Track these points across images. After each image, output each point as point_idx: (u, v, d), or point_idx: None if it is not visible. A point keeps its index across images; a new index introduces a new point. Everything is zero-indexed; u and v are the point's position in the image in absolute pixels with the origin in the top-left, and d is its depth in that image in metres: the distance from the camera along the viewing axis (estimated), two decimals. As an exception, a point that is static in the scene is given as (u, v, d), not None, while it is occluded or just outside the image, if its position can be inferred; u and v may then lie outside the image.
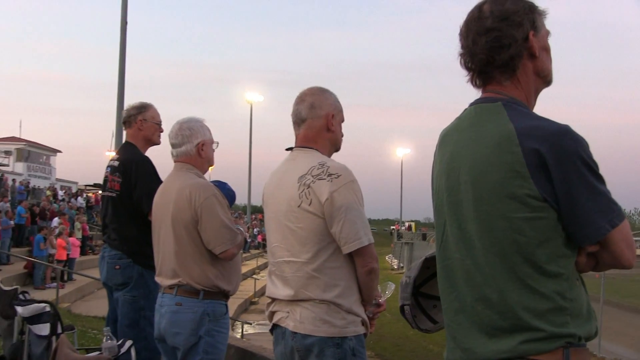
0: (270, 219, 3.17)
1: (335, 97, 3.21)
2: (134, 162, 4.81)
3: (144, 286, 4.63)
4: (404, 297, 2.54)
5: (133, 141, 5.00)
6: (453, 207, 2.03)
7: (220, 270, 3.83)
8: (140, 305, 4.61)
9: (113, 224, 4.84)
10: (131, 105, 5.07)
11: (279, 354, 3.09)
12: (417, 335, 20.98)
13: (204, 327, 3.77)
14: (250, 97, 49.65)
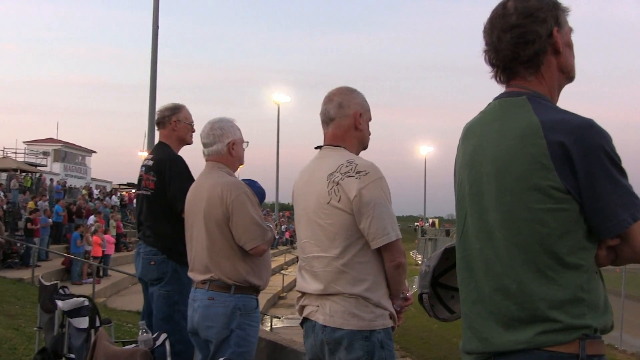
0: (300, 216, 3.17)
1: (362, 97, 3.20)
2: (167, 162, 4.83)
3: (177, 281, 4.65)
4: (422, 286, 2.53)
5: (167, 141, 5.02)
6: (475, 199, 2.02)
7: (251, 265, 3.84)
8: (174, 300, 4.63)
9: (148, 221, 4.87)
10: (165, 107, 5.08)
11: (309, 347, 3.09)
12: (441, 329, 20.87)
13: (235, 321, 3.78)
14: (278, 97, 49.68)
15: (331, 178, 2.96)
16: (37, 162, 53.20)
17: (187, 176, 4.78)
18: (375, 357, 2.90)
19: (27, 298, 14.62)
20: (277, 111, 48.69)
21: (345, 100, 3.14)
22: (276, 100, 49.40)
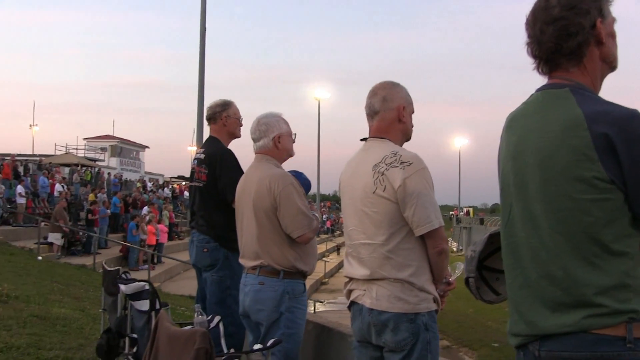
0: (347, 205, 3.17)
1: (405, 91, 3.18)
2: (218, 155, 4.86)
3: (229, 267, 4.68)
4: (469, 270, 2.50)
5: (217, 135, 5.05)
6: (519, 189, 1.97)
7: (298, 252, 3.85)
8: (226, 285, 4.66)
9: (201, 211, 4.91)
10: (215, 103, 5.11)
11: (357, 329, 3.09)
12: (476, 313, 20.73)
13: (284, 304, 3.79)
14: (318, 94, 49.56)
15: (376, 169, 2.95)
16: (96, 157, 54.08)
17: (237, 168, 4.81)
18: (420, 339, 2.89)
19: (90, 282, 14.93)
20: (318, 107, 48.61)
21: (389, 94, 3.12)
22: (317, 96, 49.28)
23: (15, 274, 12.83)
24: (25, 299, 9.20)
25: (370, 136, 3.15)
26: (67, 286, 13.06)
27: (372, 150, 3.07)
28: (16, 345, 6.14)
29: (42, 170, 30.00)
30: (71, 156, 46.21)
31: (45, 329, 7.31)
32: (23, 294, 9.62)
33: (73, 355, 6.04)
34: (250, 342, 4.07)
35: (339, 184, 3.30)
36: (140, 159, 64.52)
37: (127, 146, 62.05)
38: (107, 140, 60.05)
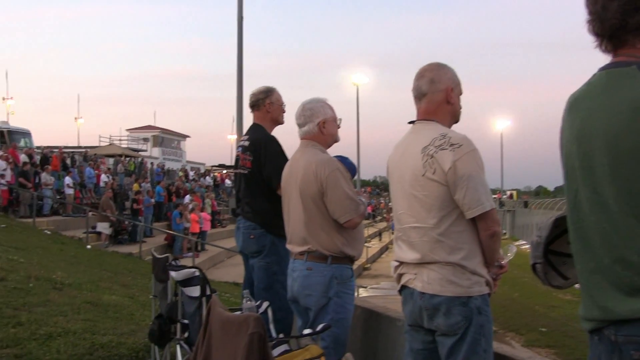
0: (396, 189, 3.14)
1: (453, 72, 3.13)
2: (262, 142, 4.86)
3: (276, 253, 4.69)
4: (535, 256, 2.43)
5: (261, 122, 5.04)
6: (586, 172, 1.88)
7: (345, 237, 3.83)
8: (273, 270, 4.67)
9: (246, 198, 4.92)
10: (258, 90, 5.10)
11: (408, 313, 3.07)
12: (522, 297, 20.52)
13: (332, 289, 3.78)
14: (357, 79, 49.32)
15: (425, 151, 2.91)
16: (139, 147, 54.81)
17: (281, 154, 4.81)
18: (473, 323, 2.85)
19: (137, 270, 15.20)
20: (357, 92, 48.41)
21: (437, 75, 3.07)
22: (355, 81, 49.05)
23: (67, 263, 13.13)
24: (77, 287, 9.40)
25: (418, 119, 3.11)
26: (115, 274, 13.31)
27: (420, 133, 3.03)
28: (72, 330, 6.29)
29: (88, 161, 30.54)
30: (115, 147, 46.95)
31: (98, 315, 7.47)
32: (75, 282, 9.84)
33: (126, 340, 6.15)
34: (299, 327, 4.08)
35: (387, 167, 3.28)
36: (182, 149, 65.14)
37: (169, 136, 62.70)
38: (149, 131, 60.76)
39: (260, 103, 5.02)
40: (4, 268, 9.58)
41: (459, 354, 2.88)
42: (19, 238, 15.29)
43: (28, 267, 10.27)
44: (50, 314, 7.10)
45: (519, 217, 58.99)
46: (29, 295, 7.96)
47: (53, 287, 8.88)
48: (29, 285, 8.60)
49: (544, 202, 55.24)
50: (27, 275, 9.30)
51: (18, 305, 7.25)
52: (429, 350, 3.04)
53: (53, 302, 7.82)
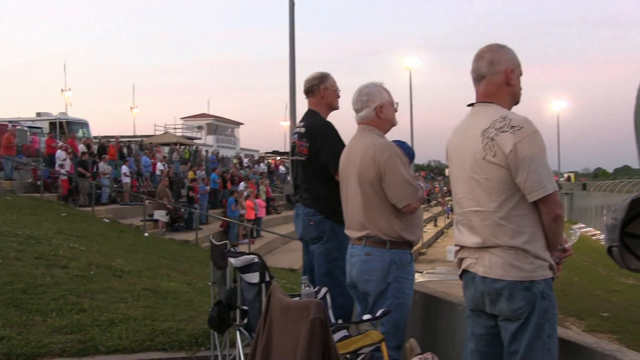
0: (455, 172, 3.11)
1: (513, 53, 3.07)
2: (318, 128, 4.84)
3: (336, 239, 4.69)
4: (611, 239, 2.36)
5: (316, 108, 5.03)
6: None
7: (404, 222, 3.81)
8: (334, 256, 4.68)
9: (304, 184, 4.93)
10: (312, 76, 5.08)
11: (470, 298, 3.05)
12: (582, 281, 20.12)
13: (391, 275, 3.78)
14: (409, 63, 48.82)
15: (485, 134, 2.87)
16: (193, 135, 55.61)
17: (338, 140, 4.79)
18: (536, 307, 2.82)
19: (194, 257, 15.46)
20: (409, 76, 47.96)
21: (496, 57, 3.03)
22: (407, 65, 48.58)
23: (125, 250, 13.44)
24: (137, 274, 9.62)
25: (477, 101, 3.07)
26: (173, 261, 13.57)
27: (480, 115, 2.99)
28: (133, 317, 6.45)
29: (144, 150, 31.11)
30: (170, 136, 47.74)
31: (157, 302, 7.63)
32: (135, 269, 10.06)
33: (185, 326, 6.27)
34: (358, 313, 4.09)
35: (446, 151, 3.25)
36: (236, 136, 65.75)
37: (222, 124, 63.34)
38: (203, 119, 61.49)
39: (315, 89, 5.01)
40: (66, 256, 9.86)
41: (523, 339, 2.85)
42: (79, 226, 15.72)
43: (89, 254, 10.56)
44: (111, 300, 7.30)
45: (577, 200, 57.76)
46: (91, 283, 8.19)
47: (113, 275, 9.11)
48: (90, 273, 8.84)
49: (603, 185, 54.00)
50: (88, 263, 9.57)
51: (80, 293, 7.46)
52: (491, 335, 3.02)
53: (113, 289, 8.03)
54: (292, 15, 22.15)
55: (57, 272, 8.55)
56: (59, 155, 21.76)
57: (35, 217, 15.13)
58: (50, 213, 16.99)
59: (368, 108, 3.98)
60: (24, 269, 8.37)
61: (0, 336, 5.49)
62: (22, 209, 16.23)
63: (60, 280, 7.96)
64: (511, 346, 2.89)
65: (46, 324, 6.02)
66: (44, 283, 7.63)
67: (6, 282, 7.40)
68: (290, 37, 22.23)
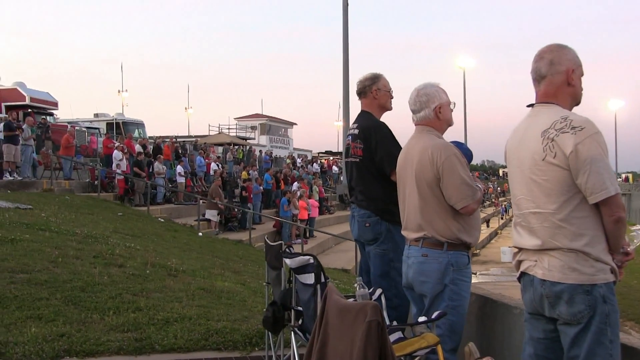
0: (514, 173, 3.09)
1: (574, 52, 3.04)
2: (372, 129, 4.86)
3: (392, 240, 4.69)
4: None
5: (369, 109, 5.05)
6: None
7: (462, 224, 3.79)
8: (390, 258, 4.68)
9: (359, 186, 4.94)
10: (365, 77, 5.10)
11: (528, 301, 3.02)
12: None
13: (448, 276, 3.76)
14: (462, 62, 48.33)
15: (545, 135, 2.85)
16: (247, 135, 56.18)
17: (392, 140, 4.80)
18: (597, 311, 2.78)
19: (247, 257, 15.62)
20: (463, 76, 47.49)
21: (557, 57, 3.00)
22: (460, 65, 48.10)
23: (180, 250, 13.67)
24: (191, 273, 9.78)
25: (537, 102, 3.05)
26: (226, 260, 13.73)
27: (540, 116, 2.97)
28: (188, 316, 6.57)
29: (198, 150, 31.56)
30: (224, 136, 48.36)
31: (211, 301, 7.75)
32: (189, 268, 10.23)
33: (239, 326, 6.35)
34: (414, 314, 4.08)
35: (505, 152, 3.23)
36: (289, 136, 66.12)
37: (276, 124, 63.79)
38: (257, 119, 62.07)
39: (367, 90, 5.03)
40: (122, 255, 10.10)
41: (583, 344, 2.81)
42: (135, 226, 16.06)
43: (144, 253, 10.78)
44: (166, 299, 7.44)
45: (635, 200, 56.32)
46: (146, 282, 8.36)
47: (168, 274, 9.28)
48: (146, 272, 9.02)
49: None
50: (143, 262, 9.78)
51: (137, 291, 7.63)
52: (550, 339, 2.99)
53: (169, 288, 8.18)
54: (345, 14, 22.22)
55: (114, 270, 8.76)
56: (116, 155, 22.29)
57: (93, 217, 15.53)
58: (107, 212, 17.42)
59: (427, 109, 3.97)
60: (82, 267, 8.60)
61: (61, 333, 5.66)
62: (80, 208, 16.67)
63: (117, 279, 8.15)
64: (571, 351, 2.85)
65: (104, 322, 6.18)
66: (102, 281, 7.83)
67: (66, 280, 7.62)
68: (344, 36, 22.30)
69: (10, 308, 6.38)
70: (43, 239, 10.27)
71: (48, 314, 6.28)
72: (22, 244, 9.52)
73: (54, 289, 7.19)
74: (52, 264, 8.50)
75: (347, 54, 22.25)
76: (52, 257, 8.89)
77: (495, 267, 29.19)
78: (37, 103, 31.45)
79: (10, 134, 19.39)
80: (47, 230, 11.28)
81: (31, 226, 11.47)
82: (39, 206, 14.97)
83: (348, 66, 22.29)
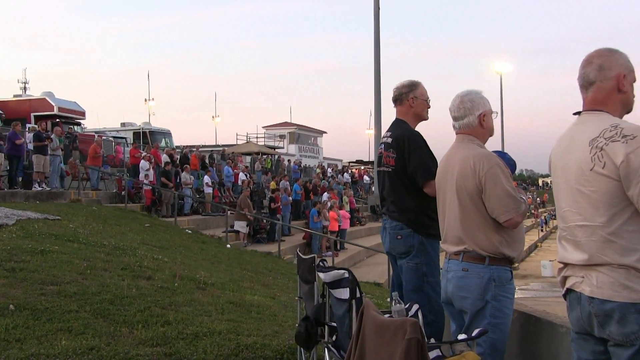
0: (559, 184, 3.02)
1: (625, 57, 2.97)
2: (406, 138, 4.83)
3: (425, 254, 4.66)
4: None
5: (404, 118, 5.02)
6: None
7: (504, 237, 3.73)
8: (423, 272, 4.65)
9: (391, 197, 4.91)
10: (401, 84, 5.07)
11: (575, 320, 2.94)
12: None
13: (490, 292, 3.69)
14: (499, 67, 48.02)
15: (594, 144, 2.78)
16: (275, 144, 56.42)
17: (426, 150, 4.77)
18: None
19: (277, 270, 15.62)
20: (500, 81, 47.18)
21: (607, 62, 2.93)
22: (498, 70, 47.80)
23: (208, 262, 13.73)
24: (220, 286, 9.81)
25: (584, 109, 2.98)
26: (256, 273, 13.76)
27: (587, 124, 2.90)
28: (217, 330, 6.57)
29: (226, 160, 31.77)
30: (252, 145, 48.60)
31: (241, 315, 7.75)
32: (218, 281, 10.27)
33: (270, 341, 6.33)
34: (453, 331, 4.02)
35: (549, 162, 3.16)
36: (318, 145, 66.34)
37: (305, 132, 64.06)
38: (285, 128, 62.41)
39: (403, 97, 5.00)
40: (150, 267, 10.16)
41: None
42: (162, 237, 16.18)
43: (172, 266, 10.84)
44: (195, 313, 7.46)
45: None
46: (175, 295, 8.40)
47: (197, 287, 9.32)
48: (174, 285, 9.06)
49: None
50: (172, 275, 9.83)
51: (165, 305, 7.66)
52: None
53: (197, 301, 8.20)
54: (377, 20, 22.26)
55: (142, 283, 8.81)
56: (143, 165, 22.53)
57: (120, 228, 15.68)
58: (134, 223, 17.58)
59: (471, 116, 3.92)
60: (110, 279, 8.67)
61: (90, 346, 5.69)
62: (107, 219, 16.85)
63: (145, 292, 8.20)
64: None
65: (132, 336, 6.21)
66: (130, 294, 7.87)
67: (95, 293, 7.68)
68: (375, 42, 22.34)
69: (42, 320, 6.44)
70: (72, 251, 10.39)
71: (78, 326, 6.33)
72: (52, 255, 9.63)
73: (83, 301, 7.26)
74: (81, 275, 8.58)
75: (379, 60, 22.26)
76: (80, 268, 8.98)
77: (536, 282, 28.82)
78: (65, 113, 32.05)
79: (39, 144, 19.72)
80: (75, 242, 11.41)
81: (60, 237, 11.61)
82: (67, 217, 15.16)
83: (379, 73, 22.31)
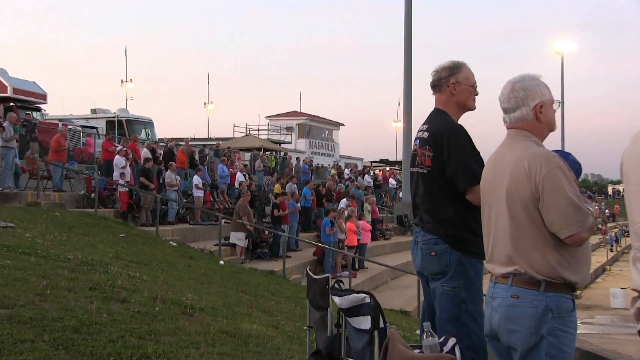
0: (633, 192, 3.01)
1: None
2: (445, 133, 4.81)
3: (464, 276, 4.64)
4: None
5: (444, 108, 5.00)
6: None
7: (566, 257, 3.70)
8: (461, 298, 4.63)
9: (425, 204, 4.90)
10: (441, 66, 5.05)
11: None
12: None
13: (546, 325, 3.67)
14: (561, 46, 47.96)
15: None
16: (281, 139, 56.49)
17: (470, 149, 4.75)
18: None
19: (280, 292, 15.62)
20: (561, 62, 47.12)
21: None
22: (559, 49, 47.73)
23: (197, 282, 13.75)
24: (211, 312, 9.81)
25: None
26: (255, 297, 13.76)
27: None
28: (207, 367, 6.58)
29: (220, 156, 31.76)
30: (252, 139, 48.77)
31: (237, 348, 7.74)
32: (208, 306, 10.27)
33: (272, 381, 6.33)
34: (498, 373, 4.01)
35: (621, 165, 3.15)
36: (334, 140, 66.41)
37: (318, 124, 64.11)
38: (294, 118, 62.51)
39: (443, 83, 4.98)
40: (125, 287, 10.17)
41: None
42: (140, 250, 16.22)
43: (152, 286, 10.86)
44: (180, 345, 7.45)
45: None
46: (155, 322, 8.39)
47: (182, 312, 9.32)
48: (155, 309, 9.06)
49: None
50: (152, 297, 9.83)
51: (143, 334, 7.65)
52: None
53: (183, 330, 8.20)
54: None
55: (115, 307, 8.82)
56: (118, 161, 22.54)
57: (89, 238, 15.74)
58: (106, 233, 17.63)
59: (525, 107, 3.90)
60: (75, 302, 8.67)
61: (48, 386, 5.71)
62: (73, 227, 16.91)
63: (118, 318, 8.19)
64: None
65: (102, 372, 6.22)
66: (100, 321, 7.87)
67: (55, 318, 7.67)
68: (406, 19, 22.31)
69: (-14, 352, 6.45)
70: (28, 266, 10.40)
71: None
72: (2, 271, 9.65)
73: (40, 328, 7.25)
74: (38, 297, 8.58)
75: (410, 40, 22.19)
76: (38, 288, 8.98)
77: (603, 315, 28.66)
78: (21, 95, 32.11)
79: (-13, 133, 19.78)
80: (32, 255, 11.44)
81: (13, 249, 11.64)
82: (22, 224, 15.22)
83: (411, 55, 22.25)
